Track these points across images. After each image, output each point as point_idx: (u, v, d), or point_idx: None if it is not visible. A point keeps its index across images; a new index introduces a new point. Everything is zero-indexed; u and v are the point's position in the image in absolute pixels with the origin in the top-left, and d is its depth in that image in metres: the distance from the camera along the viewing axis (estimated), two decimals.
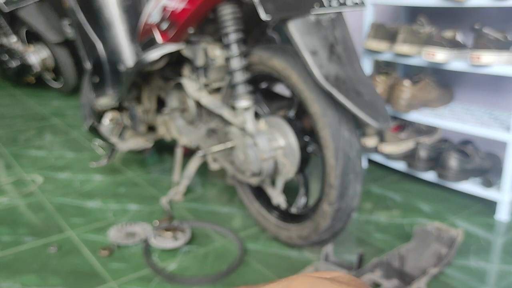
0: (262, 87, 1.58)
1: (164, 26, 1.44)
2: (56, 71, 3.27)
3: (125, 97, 1.75)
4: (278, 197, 1.41)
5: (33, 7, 3.06)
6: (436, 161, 1.71)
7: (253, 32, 1.49)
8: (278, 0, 1.12)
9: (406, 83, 1.72)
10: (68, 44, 3.09)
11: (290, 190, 1.53)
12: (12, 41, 3.23)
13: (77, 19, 1.75)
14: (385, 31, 1.77)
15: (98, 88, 1.78)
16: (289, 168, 1.33)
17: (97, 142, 1.98)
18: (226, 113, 1.42)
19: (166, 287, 1.22)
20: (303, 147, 1.31)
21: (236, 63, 1.30)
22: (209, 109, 1.55)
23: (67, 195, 1.74)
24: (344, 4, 1.17)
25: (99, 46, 1.75)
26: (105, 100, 1.77)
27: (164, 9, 1.42)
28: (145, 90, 1.82)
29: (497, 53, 1.47)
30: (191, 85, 1.56)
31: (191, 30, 1.39)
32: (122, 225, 1.50)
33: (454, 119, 1.68)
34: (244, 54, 1.34)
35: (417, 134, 1.87)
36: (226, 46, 1.31)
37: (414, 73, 1.97)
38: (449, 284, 1.23)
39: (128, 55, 1.75)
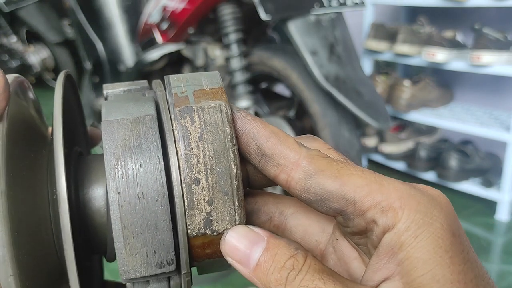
0: (262, 87, 1.58)
1: (164, 26, 1.44)
2: (56, 71, 3.27)
3: None
4: None
5: (33, 7, 3.06)
6: (436, 161, 1.71)
7: (253, 32, 1.49)
8: (278, 0, 1.12)
9: (406, 83, 1.72)
10: (68, 44, 3.09)
11: None
12: (12, 41, 3.23)
13: (77, 19, 1.75)
14: (385, 31, 1.77)
15: (98, 88, 1.78)
16: None
17: None
18: None
19: None
20: None
21: (236, 63, 1.30)
22: None
23: None
24: (344, 4, 1.17)
25: (99, 46, 1.75)
26: None
27: (164, 9, 1.42)
28: None
29: (497, 53, 1.47)
30: None
31: (191, 30, 1.39)
32: None
33: (454, 119, 1.68)
34: (244, 54, 1.34)
35: (417, 134, 1.87)
36: (226, 46, 1.31)
37: (414, 73, 1.97)
38: None
39: (128, 55, 1.75)
